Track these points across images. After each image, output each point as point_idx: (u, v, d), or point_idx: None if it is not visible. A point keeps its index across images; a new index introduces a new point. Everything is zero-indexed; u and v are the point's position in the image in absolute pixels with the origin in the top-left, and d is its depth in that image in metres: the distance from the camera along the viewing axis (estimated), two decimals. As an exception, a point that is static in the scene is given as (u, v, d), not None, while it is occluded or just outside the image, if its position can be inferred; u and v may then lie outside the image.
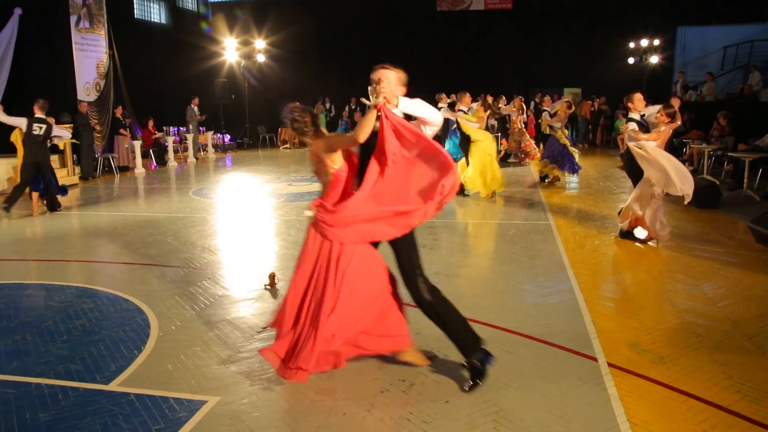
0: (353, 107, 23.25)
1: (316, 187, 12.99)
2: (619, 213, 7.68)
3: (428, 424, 3.40)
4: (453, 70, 23.50)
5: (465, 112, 11.07)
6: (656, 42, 21.57)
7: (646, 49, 22.01)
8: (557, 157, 12.28)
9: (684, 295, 5.52)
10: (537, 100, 17.09)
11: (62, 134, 11.28)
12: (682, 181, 6.70)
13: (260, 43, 22.69)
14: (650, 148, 6.88)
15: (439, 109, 11.56)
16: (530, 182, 12.97)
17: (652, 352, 4.28)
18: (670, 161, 6.82)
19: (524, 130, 16.09)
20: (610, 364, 4.10)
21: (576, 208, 9.93)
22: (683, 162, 13.74)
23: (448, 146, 12.94)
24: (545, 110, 12.72)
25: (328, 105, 23.69)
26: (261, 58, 22.93)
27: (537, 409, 3.53)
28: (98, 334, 4.78)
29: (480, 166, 10.72)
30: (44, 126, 10.02)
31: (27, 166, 9.95)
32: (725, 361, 4.14)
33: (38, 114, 10.02)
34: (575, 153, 12.45)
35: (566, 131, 12.69)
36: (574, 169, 12.36)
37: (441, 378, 3.94)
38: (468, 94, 11.31)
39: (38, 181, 10.14)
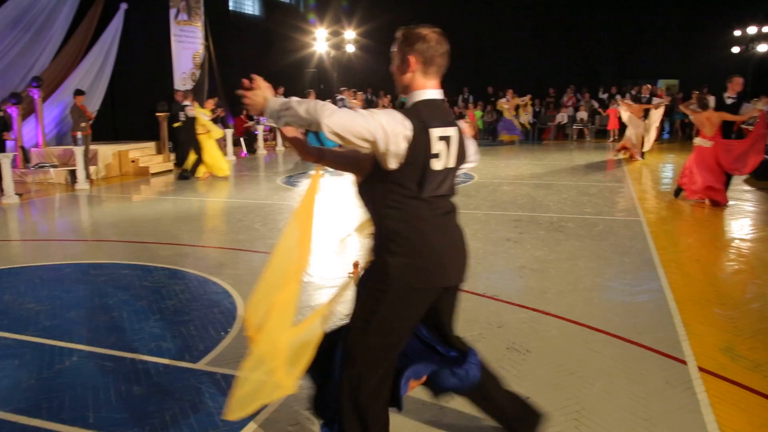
0: (465, 96, 23.06)
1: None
2: None
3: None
4: (545, 59, 22.98)
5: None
6: (765, 29, 20.29)
7: (754, 37, 20.76)
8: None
9: (785, 300, 5.21)
10: (633, 92, 16.52)
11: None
12: None
13: (350, 34, 22.92)
14: None
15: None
16: (620, 176, 12.55)
17: (747, 358, 4.06)
18: None
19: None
20: (700, 369, 3.92)
21: (668, 205, 9.53)
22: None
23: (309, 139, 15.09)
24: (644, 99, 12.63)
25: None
26: (350, 49, 23.16)
27: (620, 411, 3.42)
28: (188, 315, 4.98)
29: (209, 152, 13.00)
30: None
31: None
32: (829, 372, 3.88)
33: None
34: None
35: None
36: None
37: (522, 373, 3.88)
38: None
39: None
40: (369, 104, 23.55)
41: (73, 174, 12.26)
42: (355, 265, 6.48)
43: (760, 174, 11.41)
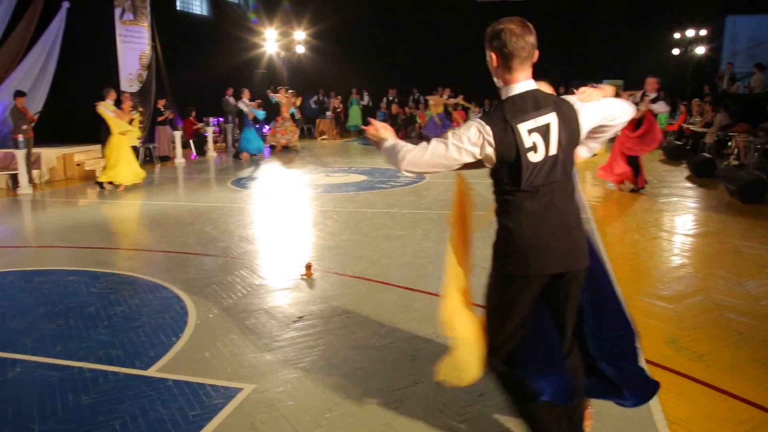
0: (391, 98, 23.23)
1: (354, 178, 12.95)
2: None
3: (462, 416, 3.39)
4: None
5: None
6: (703, 32, 21.00)
7: (692, 40, 21.46)
8: None
9: (726, 292, 5.39)
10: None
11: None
12: None
13: (300, 35, 22.80)
14: None
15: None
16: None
17: (690, 349, 4.20)
18: None
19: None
20: (647, 361, 4.02)
21: (614, 202, 9.77)
22: (728, 155, 13.54)
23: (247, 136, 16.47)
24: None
25: (365, 96, 23.70)
26: (300, 50, 23.04)
27: (572, 405, 3.49)
28: (138, 321, 4.88)
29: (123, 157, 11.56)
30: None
31: None
32: (768, 361, 4.04)
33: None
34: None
35: None
36: None
37: (475, 371, 3.92)
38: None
39: None
40: (320, 105, 23.49)
41: (14, 178, 11.88)
42: (308, 266, 6.46)
43: (701, 171, 11.82)
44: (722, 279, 5.76)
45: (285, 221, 8.73)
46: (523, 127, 2.55)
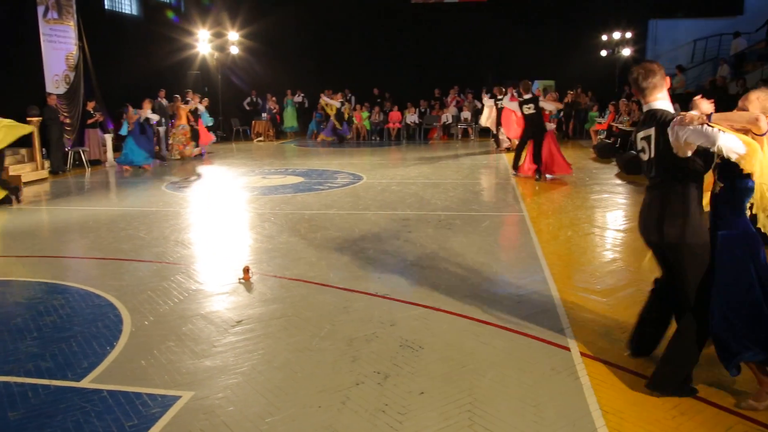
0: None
1: (291, 180, 12.83)
2: None
3: (403, 415, 3.41)
4: (426, 62, 23.58)
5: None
6: (628, 35, 21.79)
7: (618, 42, 22.22)
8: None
9: (655, 285, 5.60)
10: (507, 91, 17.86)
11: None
12: None
13: (233, 35, 22.47)
14: None
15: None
16: (504, 174, 13.04)
17: (623, 341, 4.33)
18: None
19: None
20: (582, 354, 4.15)
21: (549, 199, 10.01)
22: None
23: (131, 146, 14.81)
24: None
25: (300, 97, 23.53)
26: (234, 50, 22.71)
27: (511, 399, 3.56)
28: (69, 331, 4.72)
29: None
30: None
31: None
32: (695, 349, 4.21)
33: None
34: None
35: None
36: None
37: (416, 369, 3.96)
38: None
39: None
40: (254, 106, 23.20)
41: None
42: (246, 270, 6.38)
43: (629, 168, 12.22)
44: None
45: (221, 224, 8.60)
46: (638, 135, 3.72)
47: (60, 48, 15.85)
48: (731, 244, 3.45)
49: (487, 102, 18.52)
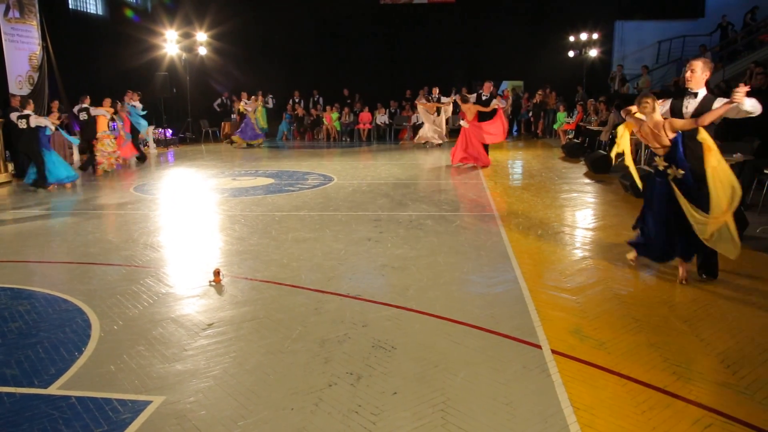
0: (296, 100, 23.07)
1: (261, 181, 12.71)
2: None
3: (377, 416, 3.41)
4: (396, 63, 23.64)
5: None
6: (595, 36, 22.11)
7: (586, 43, 22.52)
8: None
9: (623, 282, 5.69)
10: (433, 94, 19.41)
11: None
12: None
13: (201, 36, 22.24)
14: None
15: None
16: (475, 175, 13.12)
17: (593, 337, 4.40)
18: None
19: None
20: (553, 351, 4.19)
21: (519, 199, 10.10)
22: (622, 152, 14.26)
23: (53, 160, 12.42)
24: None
25: (270, 99, 23.38)
26: (203, 51, 22.48)
27: (484, 398, 3.59)
28: (36, 337, 4.63)
29: None
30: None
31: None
32: (662, 344, 4.29)
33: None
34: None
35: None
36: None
37: (388, 369, 3.96)
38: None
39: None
40: (223, 107, 23.00)
41: None
42: (216, 272, 6.32)
43: (597, 167, 12.40)
44: (620, 270, 6.07)
45: (191, 227, 8.51)
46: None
47: (23, 48, 15.54)
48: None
49: (444, 99, 18.67)
